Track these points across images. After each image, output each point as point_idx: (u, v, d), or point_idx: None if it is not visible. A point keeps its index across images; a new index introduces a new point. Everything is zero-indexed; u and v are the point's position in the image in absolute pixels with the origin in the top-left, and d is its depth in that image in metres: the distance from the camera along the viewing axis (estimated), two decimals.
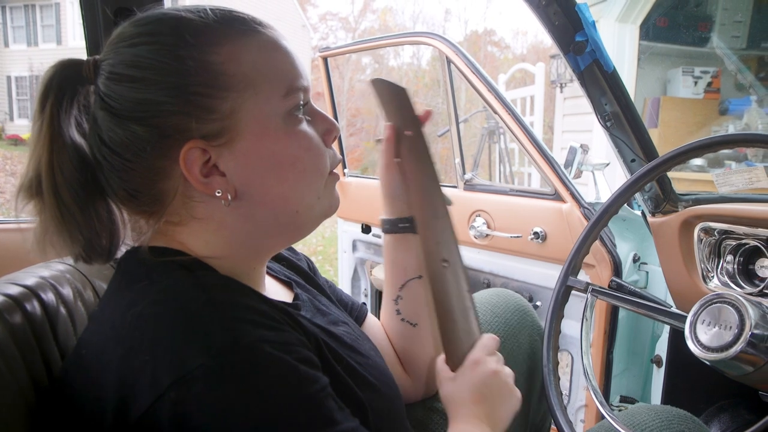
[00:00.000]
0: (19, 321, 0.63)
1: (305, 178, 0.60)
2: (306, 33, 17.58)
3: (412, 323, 0.83)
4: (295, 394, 0.50)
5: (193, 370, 0.47)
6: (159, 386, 0.47)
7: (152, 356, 0.49)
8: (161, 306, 0.52)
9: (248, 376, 0.48)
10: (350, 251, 2.28)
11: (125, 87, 0.55)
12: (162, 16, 0.58)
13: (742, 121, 3.18)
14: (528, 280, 1.65)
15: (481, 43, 16.44)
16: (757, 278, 1.06)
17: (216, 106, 0.55)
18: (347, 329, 0.73)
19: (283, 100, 0.58)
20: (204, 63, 0.55)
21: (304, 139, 0.60)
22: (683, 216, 1.15)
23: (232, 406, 0.47)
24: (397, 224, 0.82)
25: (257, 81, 0.57)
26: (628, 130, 1.23)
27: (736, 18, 3.22)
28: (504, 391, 0.70)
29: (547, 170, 1.53)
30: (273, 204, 0.60)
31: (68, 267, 0.79)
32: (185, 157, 0.55)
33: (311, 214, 0.63)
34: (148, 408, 0.47)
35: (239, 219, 0.59)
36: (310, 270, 0.84)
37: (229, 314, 0.52)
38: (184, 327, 0.50)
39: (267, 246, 0.65)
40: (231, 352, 0.49)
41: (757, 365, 0.80)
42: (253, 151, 0.57)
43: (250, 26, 0.59)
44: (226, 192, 0.57)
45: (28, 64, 14.99)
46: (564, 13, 1.11)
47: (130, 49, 0.56)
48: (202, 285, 0.55)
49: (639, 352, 1.55)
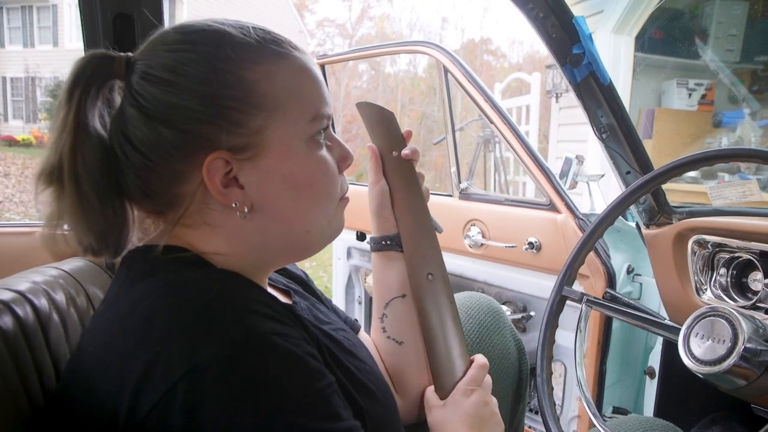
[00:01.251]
0: (11, 326, 0.62)
1: (319, 201, 0.63)
2: (303, 39, 17.62)
3: (398, 341, 0.84)
4: (306, 386, 0.51)
5: (206, 360, 0.47)
6: (171, 377, 0.47)
7: (163, 347, 0.49)
8: (171, 298, 0.52)
9: (261, 366, 0.49)
10: (345, 258, 2.27)
11: (160, 89, 0.56)
12: (207, 27, 0.59)
13: (736, 134, 3.21)
14: (522, 290, 1.66)
15: (478, 51, 16.52)
16: (750, 291, 1.07)
17: (246, 121, 0.56)
18: (346, 335, 0.74)
19: (309, 124, 0.60)
20: (240, 78, 0.56)
21: (323, 164, 0.62)
22: (677, 228, 1.16)
23: (245, 395, 0.47)
24: (381, 241, 0.84)
25: (288, 103, 0.59)
26: (623, 142, 1.23)
27: (730, 32, 3.25)
28: (493, 421, 0.74)
29: (542, 180, 1.54)
30: (287, 222, 0.61)
31: (61, 272, 0.79)
32: (209, 166, 0.56)
33: (321, 236, 0.65)
34: (160, 399, 0.47)
35: (251, 231, 0.60)
36: (307, 281, 0.85)
37: (240, 305, 0.52)
38: (195, 318, 0.50)
39: (273, 259, 0.67)
40: (244, 342, 0.49)
41: (749, 379, 0.80)
42: (275, 170, 0.58)
43: (286, 49, 0.60)
44: (243, 204, 0.58)
45: (24, 66, 14.94)
46: (561, 25, 1.12)
47: (171, 54, 0.57)
48: (212, 278, 0.57)
49: (632, 363, 1.55)
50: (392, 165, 0.82)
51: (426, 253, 0.80)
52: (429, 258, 0.80)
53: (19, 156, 11.23)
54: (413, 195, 0.81)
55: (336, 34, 18.77)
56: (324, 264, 5.62)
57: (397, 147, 0.81)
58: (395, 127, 0.81)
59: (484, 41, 17.81)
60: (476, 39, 18.33)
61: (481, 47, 16.85)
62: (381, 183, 0.82)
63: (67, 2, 14.65)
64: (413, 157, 0.81)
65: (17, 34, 15.55)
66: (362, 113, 0.83)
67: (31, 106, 15.43)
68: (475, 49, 16.56)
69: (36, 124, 14.51)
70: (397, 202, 0.82)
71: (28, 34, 15.44)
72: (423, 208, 0.81)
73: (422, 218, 0.81)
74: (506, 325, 1.05)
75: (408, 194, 0.81)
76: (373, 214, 0.84)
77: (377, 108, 0.82)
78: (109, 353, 0.52)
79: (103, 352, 0.53)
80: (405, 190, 0.81)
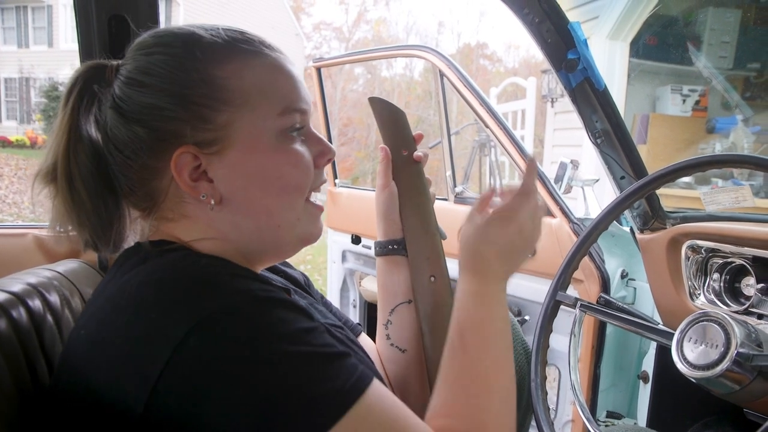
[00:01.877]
0: (5, 328, 0.62)
1: (288, 192, 0.63)
2: (299, 42, 17.64)
3: (401, 349, 0.83)
4: (302, 324, 0.52)
5: (210, 313, 0.49)
6: (175, 337, 0.48)
7: (160, 313, 0.50)
8: (162, 273, 0.54)
9: (261, 313, 0.51)
10: (339, 261, 2.27)
11: (135, 91, 0.60)
12: (178, 31, 0.63)
13: (729, 140, 3.23)
14: (516, 294, 1.66)
15: (474, 56, 16.58)
16: (743, 297, 1.07)
17: (213, 117, 0.59)
18: (344, 333, 0.75)
19: (279, 118, 0.61)
20: (208, 76, 0.59)
21: (292, 156, 0.62)
22: (671, 233, 1.17)
23: (253, 338, 0.49)
24: (387, 246, 0.83)
25: (256, 98, 0.60)
26: (618, 147, 1.24)
27: (723, 39, 3.27)
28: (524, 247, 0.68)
29: (537, 184, 1.54)
30: (256, 215, 0.62)
31: (55, 274, 0.79)
32: (176, 160, 0.59)
33: (291, 234, 0.65)
34: (168, 361, 0.47)
35: (224, 224, 0.62)
36: (305, 284, 0.85)
37: (231, 271, 0.55)
38: (187, 284, 0.52)
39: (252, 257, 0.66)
40: (242, 294, 0.51)
41: (742, 383, 0.81)
42: (242, 163, 0.60)
43: (257, 47, 0.63)
44: (211, 197, 0.60)
45: (18, 66, 14.89)
46: (557, 30, 1.12)
47: (146, 57, 0.61)
48: (198, 254, 0.59)
49: (626, 367, 1.55)
50: (401, 166, 0.82)
51: (430, 255, 0.80)
52: (433, 261, 0.80)
53: (12, 157, 11.17)
54: (421, 197, 0.81)
55: (332, 37, 18.83)
56: (319, 267, 5.61)
57: (407, 146, 0.81)
58: (406, 126, 0.82)
59: (480, 45, 17.89)
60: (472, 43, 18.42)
61: (477, 51, 16.92)
62: (390, 186, 0.82)
63: (62, 3, 14.61)
64: (425, 160, 0.81)
65: (12, 34, 15.49)
66: (374, 108, 0.83)
67: (25, 107, 15.37)
68: (471, 53, 16.62)
69: (30, 125, 14.45)
70: (404, 204, 0.81)
71: (23, 34, 15.39)
72: (430, 212, 0.81)
73: (428, 221, 0.81)
74: (518, 338, 1.04)
75: (416, 196, 0.81)
76: (380, 217, 0.83)
77: (389, 105, 0.82)
78: (102, 333, 0.53)
79: (96, 333, 0.54)
80: (413, 192, 0.81)
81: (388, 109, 0.82)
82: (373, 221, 0.85)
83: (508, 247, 0.66)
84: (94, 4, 0.93)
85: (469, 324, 0.63)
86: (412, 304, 0.82)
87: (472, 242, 0.67)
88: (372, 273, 2.14)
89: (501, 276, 0.66)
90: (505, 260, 0.66)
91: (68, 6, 13.86)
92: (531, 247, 0.69)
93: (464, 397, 0.60)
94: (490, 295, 0.65)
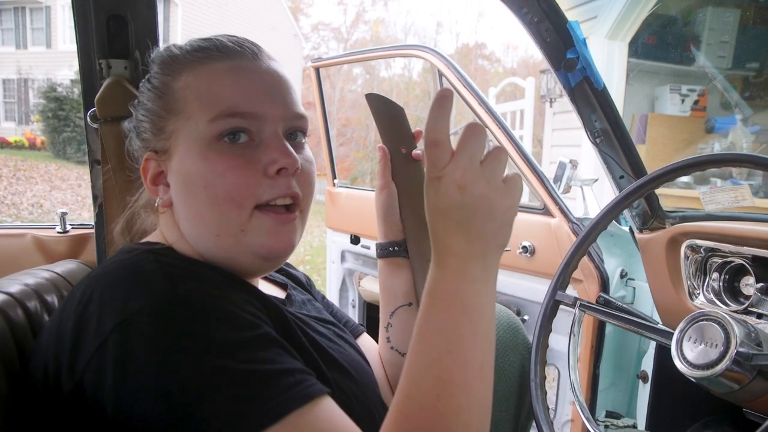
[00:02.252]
0: (2, 328, 0.62)
1: (217, 204, 0.61)
2: (297, 42, 17.63)
3: (400, 352, 0.82)
4: (233, 333, 0.52)
5: (135, 312, 0.51)
6: (103, 331, 0.51)
7: (99, 306, 0.53)
8: (114, 266, 0.58)
9: (188, 317, 0.51)
10: (339, 262, 2.27)
11: (137, 111, 0.69)
12: (161, 50, 0.69)
13: (728, 140, 3.23)
14: (516, 293, 1.66)
15: (472, 56, 16.59)
16: (742, 296, 1.07)
17: (164, 126, 0.65)
18: (336, 330, 0.74)
19: (210, 125, 0.61)
20: (168, 89, 0.65)
21: (219, 165, 0.61)
22: (670, 233, 1.17)
23: (172, 343, 0.50)
24: (388, 247, 0.82)
25: (191, 105, 0.63)
26: (617, 146, 1.24)
27: (722, 38, 3.28)
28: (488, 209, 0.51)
29: (536, 184, 1.54)
30: (193, 221, 0.64)
31: (53, 274, 0.78)
32: (144, 165, 0.67)
33: (237, 247, 0.62)
34: (94, 353, 0.50)
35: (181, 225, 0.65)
36: (307, 284, 0.85)
37: (172, 271, 0.56)
38: (128, 280, 0.54)
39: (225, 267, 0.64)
40: (171, 296, 0.52)
41: (742, 383, 0.80)
42: (177, 170, 0.64)
43: (210, 54, 0.64)
44: (162, 200, 0.66)
45: (16, 67, 14.87)
46: (555, 30, 1.12)
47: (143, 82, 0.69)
48: (156, 252, 0.61)
49: (625, 367, 1.55)
50: (401, 165, 0.79)
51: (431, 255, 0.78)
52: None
53: (11, 158, 11.16)
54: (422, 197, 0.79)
55: (331, 37, 18.83)
56: (318, 267, 5.61)
57: (407, 144, 0.79)
58: (405, 123, 0.79)
59: (479, 46, 17.89)
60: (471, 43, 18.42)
61: (476, 52, 16.92)
62: (390, 187, 0.80)
63: (60, 4, 14.59)
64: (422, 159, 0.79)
65: (10, 35, 15.48)
66: (371, 105, 0.81)
67: (23, 108, 15.35)
68: (470, 53, 16.63)
69: (29, 126, 14.43)
70: (404, 204, 0.80)
71: (21, 35, 15.38)
72: None
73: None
74: (524, 343, 1.04)
75: (416, 196, 0.78)
76: (381, 218, 0.82)
77: (387, 101, 0.79)
78: (56, 322, 0.56)
79: (52, 323, 0.58)
80: (414, 192, 0.79)
81: (386, 105, 0.79)
82: (371, 221, 0.84)
83: (463, 213, 0.50)
84: (92, 4, 0.93)
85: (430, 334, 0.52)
86: (413, 306, 0.81)
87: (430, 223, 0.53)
88: (371, 273, 2.14)
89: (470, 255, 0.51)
90: (467, 232, 0.51)
91: (66, 7, 13.86)
92: (502, 206, 0.51)
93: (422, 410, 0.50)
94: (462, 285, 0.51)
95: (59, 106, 11.78)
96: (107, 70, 0.95)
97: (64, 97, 11.90)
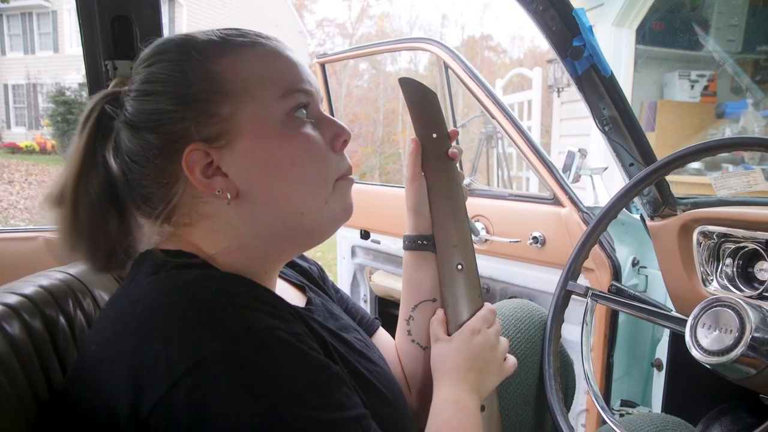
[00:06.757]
0: (18, 331, 0.62)
1: (306, 179, 0.61)
2: (303, 39, 17.63)
3: (422, 345, 0.81)
4: (308, 378, 0.52)
5: (209, 355, 0.48)
6: (174, 374, 0.48)
7: (165, 345, 0.49)
8: (172, 296, 0.53)
9: (262, 361, 0.50)
10: (349, 257, 2.27)
11: (141, 101, 0.60)
12: (171, 37, 0.64)
13: (739, 124, 3.19)
14: (527, 284, 1.65)
15: (478, 48, 16.49)
16: (757, 281, 1.06)
17: (215, 110, 0.59)
18: (358, 336, 0.74)
19: (280, 101, 0.60)
20: (206, 72, 0.59)
21: (304, 141, 0.61)
22: (682, 219, 1.16)
23: (249, 389, 0.48)
24: (417, 240, 0.81)
25: (254, 85, 0.60)
26: (626, 134, 1.23)
27: (731, 22, 3.23)
28: (493, 367, 0.75)
29: (545, 175, 1.53)
30: (276, 205, 0.61)
31: (68, 276, 0.79)
32: (187, 159, 0.59)
33: (320, 219, 0.64)
34: (163, 396, 0.48)
35: (245, 220, 0.61)
36: (320, 278, 0.84)
37: (240, 302, 0.53)
38: (196, 315, 0.51)
39: (278, 250, 0.66)
40: (246, 337, 0.50)
41: (758, 368, 0.80)
42: (251, 152, 0.60)
43: (251, 38, 0.62)
44: (226, 191, 0.60)
45: (25, 72, 15.00)
46: (561, 18, 1.11)
47: (147, 69, 0.61)
48: (211, 276, 0.57)
49: (639, 355, 1.55)
50: (431, 150, 0.79)
51: (458, 243, 0.77)
52: (461, 248, 0.77)
53: (22, 163, 11.27)
54: (450, 183, 0.78)
55: (336, 33, 18.78)
56: (329, 263, 5.62)
57: (438, 130, 0.78)
58: (437, 108, 0.79)
59: (485, 38, 17.77)
60: (476, 35, 18.31)
61: (482, 44, 16.82)
62: (420, 179, 0.79)
63: (67, 8, 14.69)
64: (457, 157, 0.79)
65: (18, 41, 15.61)
66: (404, 90, 0.80)
67: (33, 112, 15.48)
68: (476, 45, 16.53)
69: (39, 131, 14.56)
70: (432, 189, 0.79)
71: (29, 40, 15.50)
72: (460, 199, 0.79)
73: (458, 208, 0.78)
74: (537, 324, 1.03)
75: (445, 182, 0.78)
76: (410, 210, 0.81)
77: (420, 86, 0.79)
78: (110, 351, 0.53)
79: (105, 350, 0.54)
80: (443, 177, 0.78)
81: (419, 90, 0.79)
82: (381, 216, 0.84)
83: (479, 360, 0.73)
84: (96, 5, 0.93)
85: (446, 427, 0.67)
86: (436, 302, 0.80)
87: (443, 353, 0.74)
88: (382, 268, 2.14)
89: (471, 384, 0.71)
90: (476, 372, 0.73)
91: (72, 11, 13.89)
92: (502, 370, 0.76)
93: None
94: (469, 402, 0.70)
95: (68, 110, 11.87)
96: (113, 71, 0.96)
97: (73, 101, 12.01)
